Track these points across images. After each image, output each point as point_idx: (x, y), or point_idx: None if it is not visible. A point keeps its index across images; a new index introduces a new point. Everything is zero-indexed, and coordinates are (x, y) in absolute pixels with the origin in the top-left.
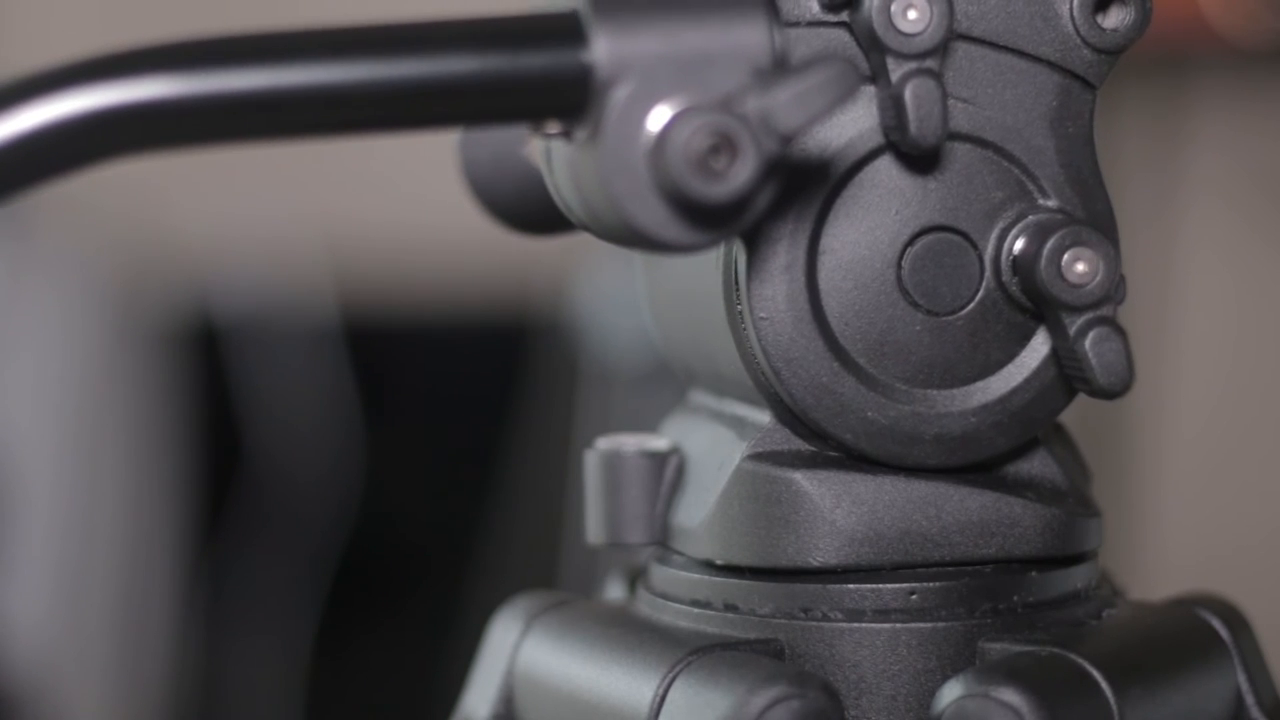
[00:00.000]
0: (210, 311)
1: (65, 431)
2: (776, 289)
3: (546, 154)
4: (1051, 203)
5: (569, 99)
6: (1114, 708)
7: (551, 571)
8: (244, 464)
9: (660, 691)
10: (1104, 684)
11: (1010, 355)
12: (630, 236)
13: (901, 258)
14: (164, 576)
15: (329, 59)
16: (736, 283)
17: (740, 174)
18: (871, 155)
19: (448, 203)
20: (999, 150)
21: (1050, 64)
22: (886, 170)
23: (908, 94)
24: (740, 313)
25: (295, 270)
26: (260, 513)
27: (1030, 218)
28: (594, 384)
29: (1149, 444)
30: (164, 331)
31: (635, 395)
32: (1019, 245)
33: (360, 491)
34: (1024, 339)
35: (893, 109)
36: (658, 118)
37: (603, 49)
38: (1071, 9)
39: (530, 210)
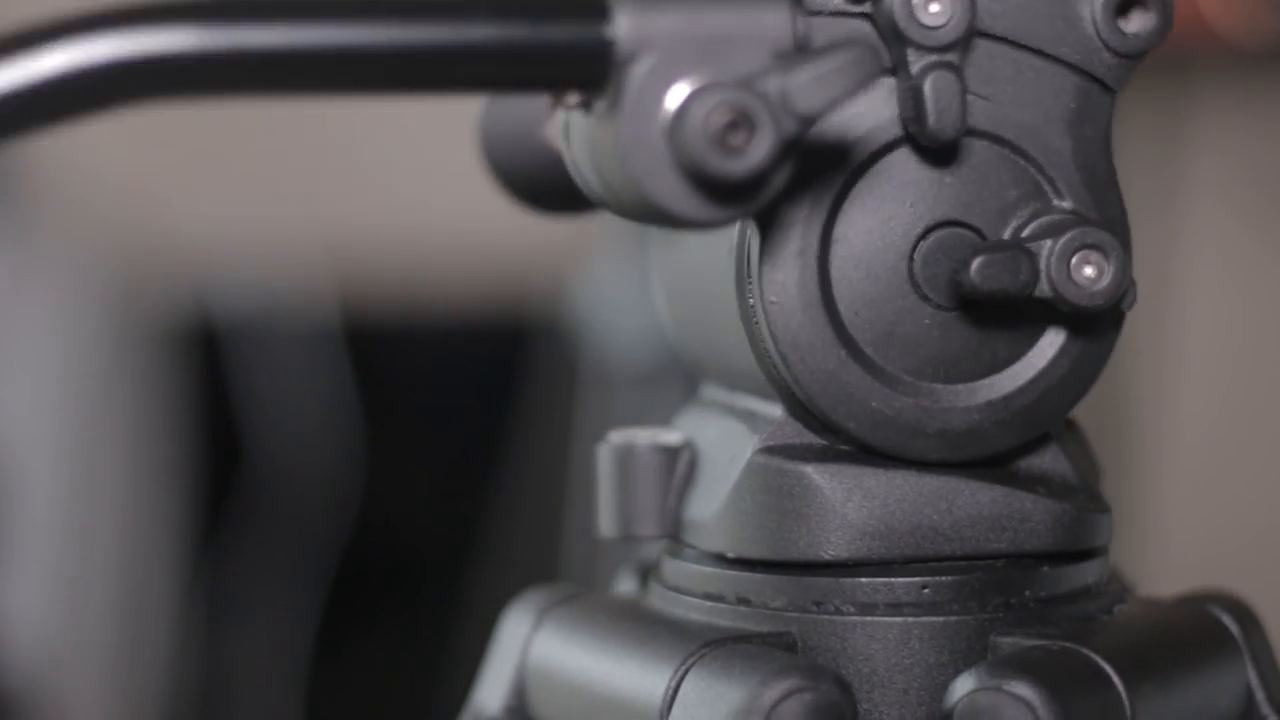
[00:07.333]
0: (210, 312)
1: (65, 431)
2: (788, 274)
3: (565, 129)
4: (1066, 204)
5: (589, 71)
6: (1126, 702)
7: (551, 572)
8: (244, 464)
9: (673, 684)
10: (1116, 678)
11: (1017, 354)
12: (647, 212)
13: (914, 250)
14: (164, 576)
15: (353, 20)
16: (749, 266)
17: (758, 151)
18: (889, 146)
19: (448, 203)
20: (1016, 149)
21: (1070, 65)
22: (903, 162)
23: (927, 86)
24: (751, 297)
25: (295, 270)
26: (260, 513)
27: (1044, 218)
28: (593, 384)
29: (1152, 442)
30: (164, 332)
31: (634, 395)
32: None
33: (360, 491)
34: (1032, 339)
35: (912, 101)
36: (677, 93)
37: (625, 25)
38: (1093, 11)
39: (548, 190)
